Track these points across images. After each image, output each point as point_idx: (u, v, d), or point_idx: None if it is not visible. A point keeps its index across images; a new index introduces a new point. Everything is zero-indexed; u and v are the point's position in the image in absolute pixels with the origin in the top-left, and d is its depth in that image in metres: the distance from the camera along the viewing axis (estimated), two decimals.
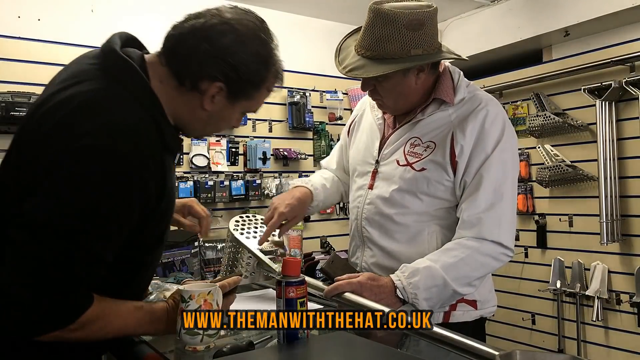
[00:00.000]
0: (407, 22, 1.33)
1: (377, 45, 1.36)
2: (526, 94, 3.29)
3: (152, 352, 1.15)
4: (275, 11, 3.37)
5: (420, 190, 1.44)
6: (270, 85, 1.18)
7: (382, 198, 1.49)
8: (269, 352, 1.14)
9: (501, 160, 1.41)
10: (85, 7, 2.73)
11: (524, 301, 3.35)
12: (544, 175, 3.13)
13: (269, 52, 1.15)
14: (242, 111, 1.20)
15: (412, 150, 1.47)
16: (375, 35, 1.36)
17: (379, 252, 1.51)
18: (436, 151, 1.43)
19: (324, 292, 1.36)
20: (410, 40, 1.34)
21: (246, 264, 1.65)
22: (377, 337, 1.32)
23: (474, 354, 1.01)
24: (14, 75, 2.47)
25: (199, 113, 1.14)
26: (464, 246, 1.38)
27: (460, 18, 3.57)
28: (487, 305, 1.53)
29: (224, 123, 1.21)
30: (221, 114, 1.16)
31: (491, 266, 1.40)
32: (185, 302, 1.14)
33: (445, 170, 1.42)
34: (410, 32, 1.34)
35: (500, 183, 1.40)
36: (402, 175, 1.46)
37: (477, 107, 1.44)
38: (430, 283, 1.34)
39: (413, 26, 1.34)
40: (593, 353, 2.99)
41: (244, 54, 1.09)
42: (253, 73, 1.12)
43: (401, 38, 1.34)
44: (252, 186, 3.10)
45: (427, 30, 1.36)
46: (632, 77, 2.76)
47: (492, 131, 1.41)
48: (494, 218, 1.38)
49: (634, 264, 2.84)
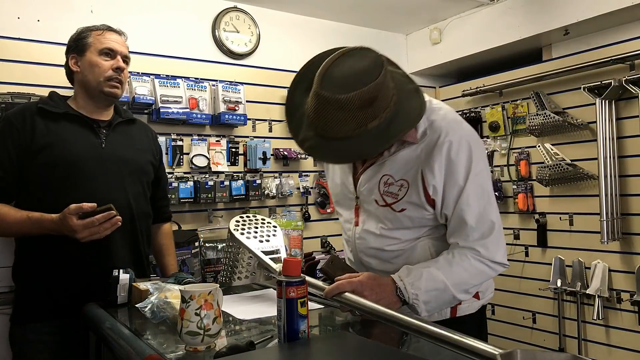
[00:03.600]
0: (359, 104, 1.26)
1: (332, 128, 1.30)
2: (526, 93, 3.29)
3: (153, 353, 1.15)
4: (274, 11, 3.38)
5: (405, 226, 1.48)
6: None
7: (372, 234, 1.53)
8: (269, 352, 1.14)
9: (476, 186, 1.41)
10: (85, 8, 2.73)
11: (524, 300, 3.35)
12: (544, 174, 3.14)
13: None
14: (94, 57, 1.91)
15: (387, 190, 1.47)
16: (328, 119, 1.30)
17: (380, 273, 1.52)
18: (410, 191, 1.43)
19: (324, 292, 1.36)
20: (365, 117, 1.28)
21: (247, 264, 1.66)
22: (377, 336, 1.33)
23: (474, 353, 1.01)
24: (13, 76, 2.47)
25: (79, 76, 1.94)
26: (464, 255, 1.41)
27: (460, 17, 3.57)
28: (487, 293, 1.60)
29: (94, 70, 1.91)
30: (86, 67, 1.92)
31: (488, 275, 1.45)
32: (185, 302, 1.15)
33: (424, 207, 1.43)
34: (363, 110, 1.27)
35: (482, 208, 1.41)
36: (385, 215, 1.49)
37: (438, 139, 1.40)
38: (431, 286, 1.36)
39: (366, 105, 1.27)
40: (594, 352, 3.00)
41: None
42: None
43: (356, 119, 1.28)
44: (252, 186, 3.10)
45: (381, 99, 1.29)
46: (632, 76, 2.76)
47: (459, 162, 1.39)
48: (487, 244, 1.41)
49: (635, 263, 2.84)
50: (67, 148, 1.83)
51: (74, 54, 1.93)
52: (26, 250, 1.85)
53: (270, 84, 3.30)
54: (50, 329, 1.79)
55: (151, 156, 2.08)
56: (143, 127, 2.14)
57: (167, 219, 2.23)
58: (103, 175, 1.86)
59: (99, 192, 1.82)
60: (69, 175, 1.81)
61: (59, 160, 1.81)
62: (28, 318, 1.82)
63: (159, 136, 2.85)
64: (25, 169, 1.81)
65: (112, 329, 1.41)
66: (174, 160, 2.91)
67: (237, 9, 3.20)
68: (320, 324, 1.46)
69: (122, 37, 2.01)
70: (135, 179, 1.97)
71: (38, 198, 1.80)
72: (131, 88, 2.74)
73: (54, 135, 1.83)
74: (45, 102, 1.91)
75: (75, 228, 1.65)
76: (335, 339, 1.19)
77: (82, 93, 1.94)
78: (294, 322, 1.10)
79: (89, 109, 1.95)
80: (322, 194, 3.47)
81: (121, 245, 1.88)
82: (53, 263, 1.80)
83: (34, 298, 1.82)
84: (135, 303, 1.48)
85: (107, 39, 1.93)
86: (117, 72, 1.92)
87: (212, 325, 1.15)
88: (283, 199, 3.31)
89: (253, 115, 3.21)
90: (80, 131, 1.89)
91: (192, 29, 3.08)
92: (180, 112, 2.86)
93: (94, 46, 1.91)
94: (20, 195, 1.84)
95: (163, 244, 2.18)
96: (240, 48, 3.20)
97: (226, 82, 3.08)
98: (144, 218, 2.01)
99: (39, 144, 1.81)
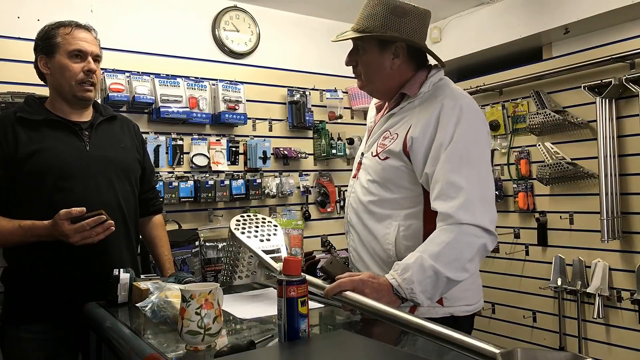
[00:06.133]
0: (393, 6, 1.53)
1: (364, 20, 1.57)
2: (526, 92, 3.29)
3: (153, 352, 1.15)
4: (274, 10, 3.37)
5: (387, 179, 1.56)
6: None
7: (362, 187, 1.65)
8: (269, 352, 1.14)
9: (461, 150, 1.43)
10: (85, 8, 2.73)
11: (524, 299, 3.35)
12: (544, 172, 3.14)
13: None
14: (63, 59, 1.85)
15: (382, 142, 1.60)
16: (365, 12, 1.58)
17: (356, 237, 1.66)
18: (396, 141, 1.54)
19: (325, 290, 1.36)
20: (391, 22, 1.52)
21: (247, 263, 1.66)
22: (378, 335, 1.33)
23: (475, 352, 1.01)
24: (13, 75, 2.47)
25: (50, 79, 1.90)
26: (446, 231, 1.39)
27: (460, 16, 3.57)
28: (456, 303, 1.53)
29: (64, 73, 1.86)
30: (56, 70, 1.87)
31: (477, 246, 1.40)
32: (186, 301, 1.15)
33: (401, 158, 1.52)
34: (393, 16, 1.52)
35: (466, 173, 1.42)
36: (374, 165, 1.60)
37: (435, 99, 1.52)
38: (422, 276, 1.35)
39: (397, 12, 1.52)
40: (594, 350, 3.00)
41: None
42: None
43: (384, 18, 1.53)
44: (253, 185, 3.10)
45: (410, 21, 1.53)
46: (632, 74, 2.76)
47: (446, 123, 1.46)
48: (469, 209, 1.39)
49: (635, 261, 2.84)
50: (52, 155, 1.80)
51: (43, 55, 1.87)
52: (18, 253, 1.83)
53: (270, 83, 3.30)
54: (44, 328, 1.79)
55: (136, 152, 2.05)
56: (125, 122, 2.09)
57: (157, 210, 2.18)
58: (91, 179, 1.84)
59: (89, 196, 1.81)
60: (57, 182, 1.79)
61: (45, 168, 1.79)
62: (21, 318, 1.81)
63: (159, 135, 2.87)
64: (12, 180, 1.79)
65: (112, 329, 1.42)
66: (174, 159, 2.91)
67: (237, 8, 3.20)
68: (321, 323, 1.47)
69: (92, 33, 1.93)
70: (124, 178, 1.94)
71: (27, 206, 1.78)
72: (131, 87, 2.74)
73: (37, 144, 1.80)
74: (23, 110, 1.85)
75: (67, 233, 1.65)
76: (336, 338, 1.19)
77: (57, 96, 1.90)
78: (295, 321, 1.10)
79: (67, 112, 1.90)
80: (322, 193, 3.47)
81: (117, 245, 1.88)
82: (49, 265, 1.79)
83: (27, 299, 1.81)
84: (136, 302, 1.48)
85: (75, 39, 1.85)
86: (89, 74, 1.86)
87: (212, 325, 1.15)
88: (283, 198, 3.31)
89: (253, 114, 3.21)
90: (63, 136, 1.85)
91: (192, 28, 3.08)
92: (181, 111, 2.86)
93: (63, 47, 1.84)
94: (9, 205, 1.81)
95: (156, 235, 2.14)
96: (240, 47, 3.20)
97: (226, 82, 3.08)
98: (134, 216, 2.01)
99: (23, 154, 1.78)
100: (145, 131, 2.81)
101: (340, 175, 3.58)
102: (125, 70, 2.76)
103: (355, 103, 3.62)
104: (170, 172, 2.90)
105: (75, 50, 1.85)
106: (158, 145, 2.85)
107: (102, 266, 1.77)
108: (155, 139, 2.85)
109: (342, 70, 3.09)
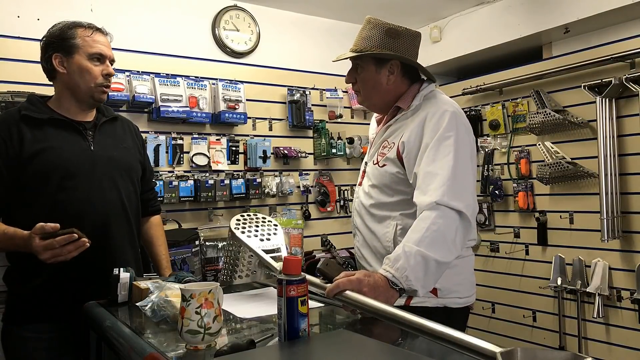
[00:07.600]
0: (387, 29, 1.71)
1: (362, 41, 1.73)
2: (526, 91, 3.29)
3: (153, 351, 1.15)
4: (274, 9, 3.37)
5: (385, 184, 1.71)
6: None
7: (364, 192, 1.81)
8: (269, 351, 1.14)
9: (442, 147, 1.56)
10: (85, 7, 2.73)
11: (524, 298, 3.35)
12: (544, 172, 3.14)
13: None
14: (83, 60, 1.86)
15: (382, 151, 1.75)
16: (362, 34, 1.74)
17: (361, 238, 1.80)
18: (393, 149, 1.69)
19: (325, 291, 1.37)
20: (386, 43, 1.70)
21: (247, 262, 1.66)
22: (378, 334, 1.33)
23: (475, 351, 1.01)
24: (14, 74, 2.47)
25: (65, 78, 1.87)
26: (424, 217, 1.49)
27: (460, 15, 3.57)
28: (450, 295, 1.64)
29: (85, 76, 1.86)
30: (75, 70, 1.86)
31: (456, 224, 1.48)
32: (186, 301, 1.15)
33: (397, 164, 1.67)
34: (388, 37, 1.70)
35: (441, 162, 1.53)
36: (374, 172, 1.76)
37: (422, 110, 1.68)
38: (412, 262, 1.42)
39: (391, 34, 1.70)
40: (594, 350, 3.00)
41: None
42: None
43: (380, 39, 1.70)
44: (253, 185, 3.10)
45: (403, 42, 1.71)
46: (632, 74, 2.76)
47: (429, 124, 1.61)
48: (438, 189, 1.50)
49: (635, 261, 2.84)
50: (57, 154, 1.80)
51: (59, 54, 1.85)
52: (21, 252, 1.82)
53: (270, 82, 3.30)
54: (48, 328, 1.79)
55: (137, 153, 2.06)
56: (126, 123, 2.11)
57: (155, 211, 2.20)
58: (96, 178, 1.85)
59: (93, 195, 1.82)
60: (61, 182, 1.79)
61: (50, 167, 1.78)
62: (25, 318, 1.81)
63: (159, 135, 2.87)
64: (17, 180, 1.78)
65: (112, 328, 1.41)
66: (174, 159, 2.91)
67: (237, 8, 3.20)
68: (321, 323, 1.47)
69: (108, 37, 1.95)
70: (127, 178, 1.96)
71: (32, 206, 1.78)
72: (131, 87, 2.74)
73: (42, 143, 1.79)
74: (27, 108, 1.84)
75: (36, 249, 1.59)
76: (336, 338, 1.19)
77: (67, 95, 1.89)
78: (295, 320, 1.10)
79: (73, 111, 1.90)
80: (322, 192, 3.47)
81: (121, 244, 1.89)
82: (53, 264, 1.78)
83: (30, 298, 1.81)
84: (136, 302, 1.48)
85: (96, 42, 1.87)
86: (108, 78, 1.89)
87: (212, 324, 1.15)
88: (283, 197, 3.31)
89: (253, 113, 3.21)
90: (68, 135, 1.85)
91: (192, 28, 3.08)
92: (180, 110, 2.86)
93: (83, 49, 1.84)
94: (14, 205, 1.80)
95: (153, 234, 2.14)
96: (240, 46, 3.20)
97: (226, 81, 3.08)
98: (137, 216, 2.02)
99: (28, 153, 1.77)
100: (145, 130, 2.81)
101: (340, 175, 3.59)
102: (125, 69, 2.76)
103: (355, 102, 3.62)
104: (170, 172, 2.90)
105: (97, 53, 1.87)
106: (158, 145, 2.85)
107: (106, 265, 1.77)
108: (155, 139, 2.85)
109: (342, 70, 3.08)
